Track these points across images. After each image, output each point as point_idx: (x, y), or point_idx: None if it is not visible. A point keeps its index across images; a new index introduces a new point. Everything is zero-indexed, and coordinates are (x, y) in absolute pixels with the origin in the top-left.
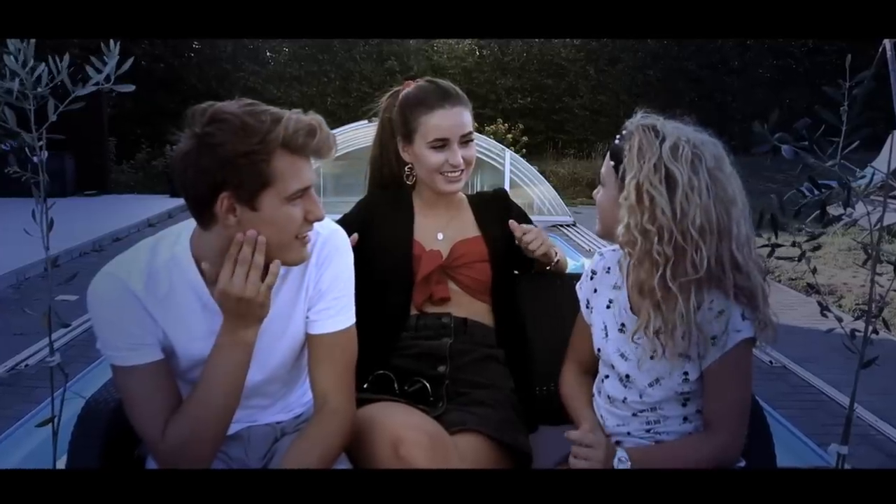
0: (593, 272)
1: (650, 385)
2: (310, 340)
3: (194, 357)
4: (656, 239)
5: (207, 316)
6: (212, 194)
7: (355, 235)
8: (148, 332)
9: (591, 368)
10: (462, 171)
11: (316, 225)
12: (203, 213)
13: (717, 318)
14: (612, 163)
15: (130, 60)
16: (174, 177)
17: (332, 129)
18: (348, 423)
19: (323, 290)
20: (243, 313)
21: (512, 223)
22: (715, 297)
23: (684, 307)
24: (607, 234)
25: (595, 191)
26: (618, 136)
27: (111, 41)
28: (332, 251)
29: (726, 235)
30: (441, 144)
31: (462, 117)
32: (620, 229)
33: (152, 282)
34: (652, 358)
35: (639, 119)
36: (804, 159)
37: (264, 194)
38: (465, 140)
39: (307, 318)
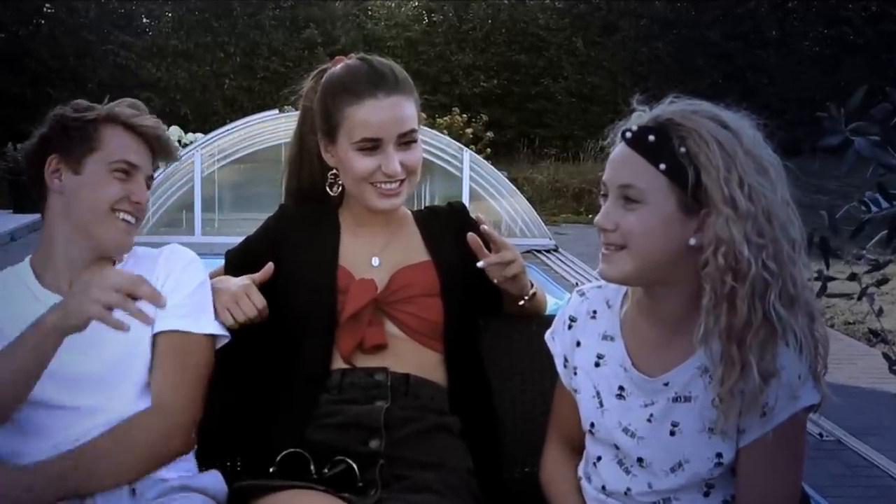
0: (572, 319)
1: (672, 470)
2: (155, 343)
3: None
4: (764, 253)
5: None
6: (42, 157)
7: (269, 266)
8: None
9: (581, 444)
10: (401, 181)
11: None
12: (36, 185)
13: (774, 378)
14: (664, 166)
15: None
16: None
17: (233, 119)
18: (177, 426)
19: (171, 289)
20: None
21: (471, 237)
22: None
23: (770, 353)
24: (642, 274)
25: (606, 213)
26: (653, 131)
27: None
28: (176, 259)
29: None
30: (371, 146)
31: (400, 110)
32: (709, 257)
33: None
34: (672, 434)
35: (682, 107)
36: (880, 157)
37: (89, 159)
38: (406, 140)
39: (156, 313)
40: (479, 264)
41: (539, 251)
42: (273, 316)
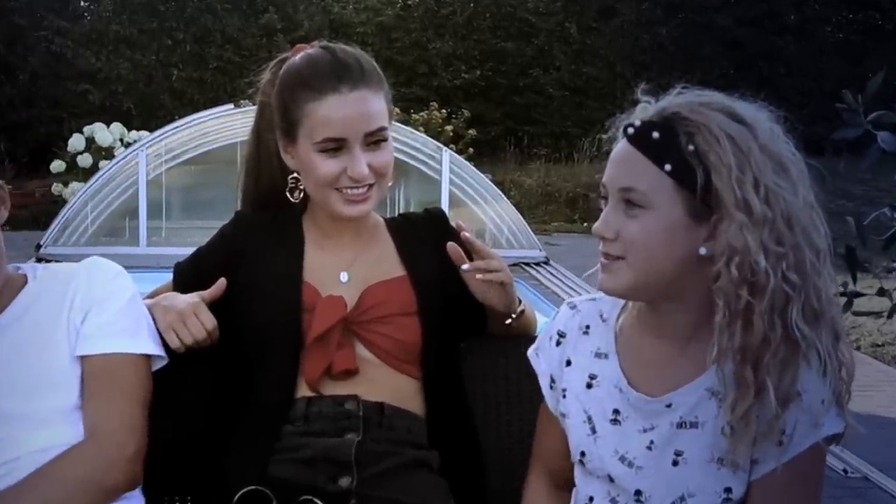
0: (561, 334)
1: None
2: (83, 368)
3: None
4: (784, 263)
5: None
6: None
7: (221, 282)
8: None
9: (568, 480)
10: (369, 186)
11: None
12: None
13: (794, 402)
14: (670, 167)
15: None
16: None
17: (182, 115)
18: (117, 458)
19: (96, 307)
20: None
21: (451, 246)
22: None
23: (790, 374)
24: (647, 287)
25: (606, 219)
26: (658, 127)
27: None
28: (99, 272)
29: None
30: (335, 147)
31: (367, 105)
32: (722, 267)
33: None
34: (675, 464)
35: (691, 99)
36: None
37: None
38: (375, 139)
39: (79, 334)
40: (464, 267)
41: (528, 264)
42: (229, 337)
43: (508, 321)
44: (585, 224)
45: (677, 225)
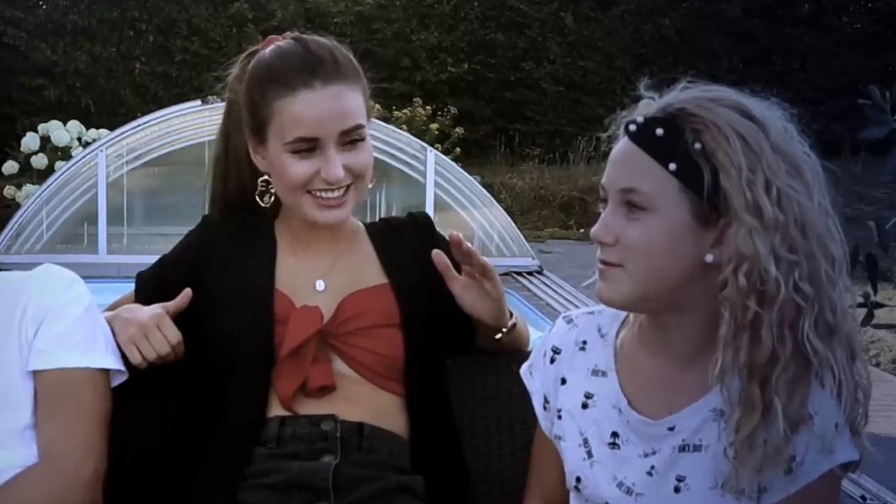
0: (555, 350)
1: None
2: (36, 385)
3: None
4: (797, 272)
5: None
6: None
7: (187, 292)
8: None
9: None
10: (345, 189)
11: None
12: None
13: (804, 425)
14: (675, 166)
15: None
16: None
17: (145, 112)
18: (74, 482)
19: (50, 318)
20: None
21: (436, 254)
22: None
23: (801, 394)
24: (648, 297)
25: (605, 222)
26: (662, 123)
27: None
28: (52, 280)
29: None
30: (307, 147)
31: (342, 102)
32: (729, 274)
33: None
34: (677, 490)
35: (698, 94)
36: None
37: None
38: (351, 139)
39: (31, 348)
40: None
41: (520, 274)
42: (196, 352)
43: (499, 335)
44: (582, 230)
45: (682, 229)
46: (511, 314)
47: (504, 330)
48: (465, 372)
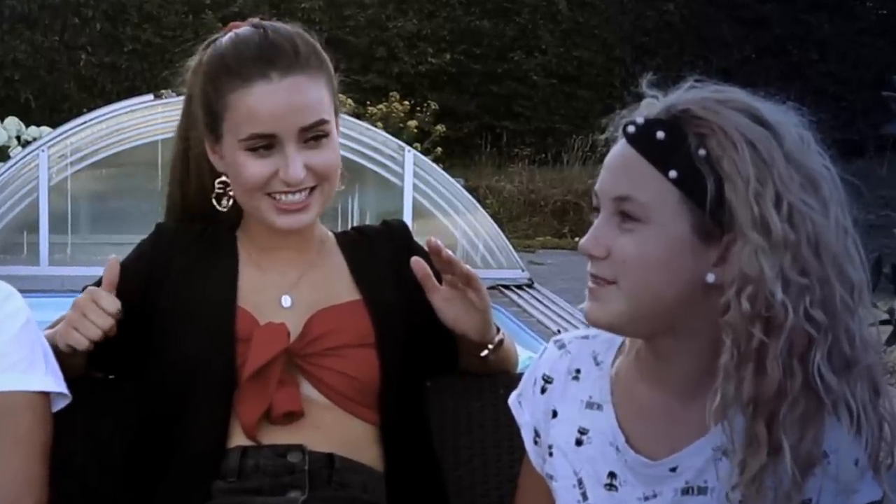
0: (546, 379)
1: None
2: None
3: None
4: (808, 298)
5: None
6: None
7: (113, 261)
8: None
9: None
10: (308, 190)
11: None
12: None
13: (818, 465)
14: (675, 174)
15: None
16: None
17: (91, 108)
18: None
19: None
20: None
21: (416, 262)
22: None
23: (813, 432)
24: (641, 319)
25: (595, 234)
26: (663, 126)
27: None
28: None
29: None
30: (264, 144)
31: (301, 95)
32: (732, 297)
33: None
34: None
35: (705, 94)
36: None
37: None
38: (313, 135)
39: None
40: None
41: (508, 287)
42: (149, 374)
43: (484, 352)
44: (577, 239)
45: (681, 244)
46: (498, 330)
47: (490, 346)
48: (446, 396)
